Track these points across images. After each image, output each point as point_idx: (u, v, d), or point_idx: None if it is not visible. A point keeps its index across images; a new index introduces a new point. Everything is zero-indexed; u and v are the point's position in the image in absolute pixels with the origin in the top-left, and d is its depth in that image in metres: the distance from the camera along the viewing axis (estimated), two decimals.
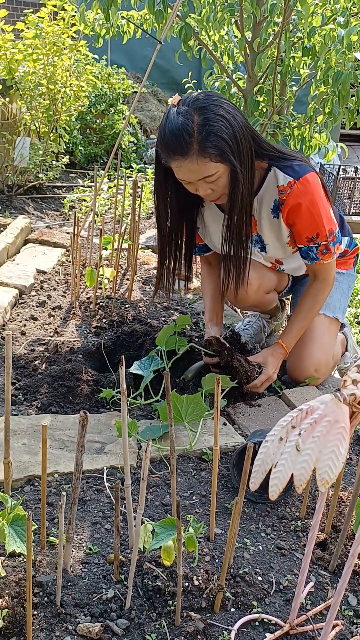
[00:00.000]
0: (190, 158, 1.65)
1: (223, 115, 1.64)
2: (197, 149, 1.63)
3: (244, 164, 1.71)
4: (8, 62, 3.84)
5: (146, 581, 1.23)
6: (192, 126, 1.62)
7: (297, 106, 3.61)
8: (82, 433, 1.11)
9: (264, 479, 0.95)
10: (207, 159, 1.65)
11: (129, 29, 3.14)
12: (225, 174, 1.70)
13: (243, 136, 1.69)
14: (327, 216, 1.86)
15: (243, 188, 1.73)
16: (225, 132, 1.63)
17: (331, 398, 0.88)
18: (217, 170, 1.68)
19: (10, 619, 1.11)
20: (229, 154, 1.65)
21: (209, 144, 1.63)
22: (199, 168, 1.67)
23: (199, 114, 1.63)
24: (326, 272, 1.97)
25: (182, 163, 1.67)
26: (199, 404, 1.76)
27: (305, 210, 1.83)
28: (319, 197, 1.84)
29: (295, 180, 1.81)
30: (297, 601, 1.17)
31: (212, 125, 1.62)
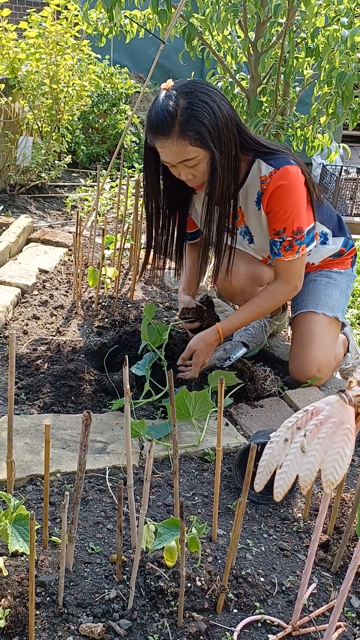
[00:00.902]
0: (171, 139, 1.71)
1: (207, 102, 1.70)
2: (178, 131, 1.69)
3: (224, 153, 1.75)
4: (11, 61, 3.83)
5: (149, 581, 1.23)
6: (175, 109, 1.68)
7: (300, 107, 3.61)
8: (85, 433, 1.11)
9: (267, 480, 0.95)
10: (187, 141, 1.70)
11: (132, 29, 3.14)
12: (205, 160, 1.75)
13: (225, 126, 1.73)
14: (298, 212, 1.87)
15: (222, 176, 1.77)
16: (207, 118, 1.69)
17: (337, 399, 0.87)
18: (196, 154, 1.73)
19: (12, 619, 1.11)
20: (208, 139, 1.70)
21: (189, 127, 1.68)
22: (179, 150, 1.72)
23: (184, 98, 1.69)
24: (287, 271, 1.96)
25: (164, 144, 1.73)
26: (206, 400, 1.77)
27: (278, 199, 1.85)
28: (295, 191, 1.85)
29: (275, 169, 1.84)
30: (299, 602, 1.17)
31: (195, 110, 1.68)
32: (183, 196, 2.04)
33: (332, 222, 2.14)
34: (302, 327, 2.12)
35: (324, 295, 2.14)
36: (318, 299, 2.13)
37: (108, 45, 6.28)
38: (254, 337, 2.32)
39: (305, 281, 2.22)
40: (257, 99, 2.88)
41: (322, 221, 2.11)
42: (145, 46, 6.23)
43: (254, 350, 2.31)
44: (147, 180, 1.93)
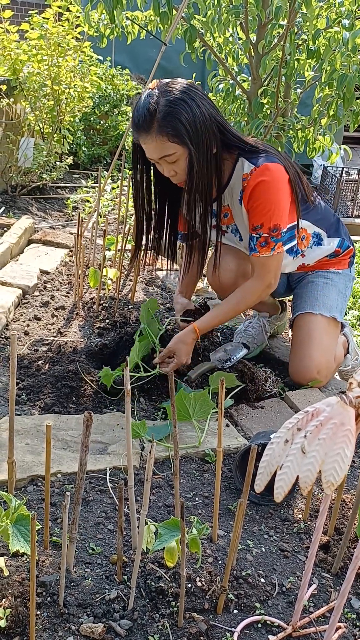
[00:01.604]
0: (151, 136, 1.77)
1: (185, 100, 1.75)
2: (157, 127, 1.75)
3: (202, 150, 1.79)
4: (12, 63, 3.84)
5: (149, 582, 1.23)
6: (155, 107, 1.75)
7: (301, 108, 3.61)
8: (86, 433, 1.11)
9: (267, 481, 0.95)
10: (165, 138, 1.76)
11: (134, 30, 3.15)
12: (184, 157, 1.80)
13: (204, 124, 1.78)
14: (277, 210, 1.88)
15: (200, 173, 1.82)
16: (184, 116, 1.74)
17: (337, 400, 0.88)
18: (175, 150, 1.78)
19: (13, 619, 1.12)
20: (184, 136, 1.75)
21: (166, 124, 1.74)
22: (158, 146, 1.78)
23: (164, 97, 1.76)
24: (262, 268, 1.96)
25: (145, 140, 1.79)
26: (206, 400, 1.77)
27: (257, 195, 1.87)
28: (275, 188, 1.86)
29: (255, 167, 1.87)
30: (300, 603, 1.17)
31: (173, 108, 1.74)
32: (173, 192, 2.06)
33: (326, 222, 2.14)
34: (301, 328, 2.12)
35: (321, 296, 2.14)
36: (315, 299, 2.13)
37: (109, 46, 6.29)
38: (254, 338, 2.32)
39: (302, 283, 2.23)
40: (258, 101, 2.88)
41: (316, 222, 2.10)
42: (146, 48, 6.24)
43: (254, 351, 2.31)
44: (135, 175, 2.00)
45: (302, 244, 2.09)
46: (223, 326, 2.56)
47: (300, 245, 2.09)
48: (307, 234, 2.09)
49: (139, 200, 2.05)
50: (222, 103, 3.23)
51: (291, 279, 2.30)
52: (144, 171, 1.99)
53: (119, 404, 1.92)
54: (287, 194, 1.91)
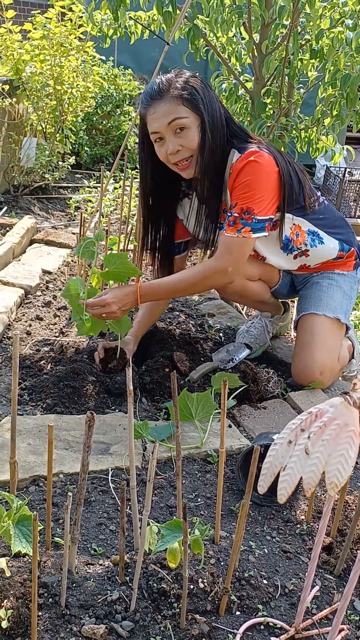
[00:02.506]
0: (164, 100, 1.81)
1: (201, 80, 1.87)
2: (172, 92, 1.81)
3: (213, 122, 1.84)
4: (15, 63, 3.85)
5: (151, 583, 1.23)
6: (173, 80, 1.83)
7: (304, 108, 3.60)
8: (88, 434, 1.11)
9: (271, 482, 0.94)
10: (180, 100, 1.81)
11: (137, 30, 3.14)
12: (195, 126, 1.82)
13: (216, 104, 1.86)
14: (255, 194, 1.85)
15: (211, 146, 1.84)
16: (199, 88, 1.83)
17: (341, 401, 0.87)
18: (187, 115, 1.81)
19: (15, 620, 1.11)
20: (199, 103, 1.81)
21: (183, 87, 1.81)
22: (171, 109, 1.81)
23: (180, 77, 1.85)
24: (223, 247, 1.89)
25: (156, 107, 1.82)
26: (209, 401, 1.76)
27: (240, 176, 1.86)
28: (260, 172, 1.85)
29: (240, 154, 1.88)
30: (303, 605, 1.17)
31: (190, 82, 1.83)
32: (170, 196, 2.09)
33: (328, 222, 2.12)
34: (305, 330, 2.11)
35: (325, 297, 2.12)
36: (319, 300, 2.12)
37: (112, 46, 6.28)
38: (257, 338, 2.31)
39: (307, 284, 2.21)
40: (261, 101, 2.88)
41: (313, 220, 2.07)
42: (149, 48, 6.24)
43: (256, 351, 2.30)
44: (142, 174, 2.02)
45: (297, 241, 2.07)
46: (225, 326, 2.55)
47: (296, 242, 2.08)
48: (301, 231, 2.07)
49: (144, 200, 2.05)
50: (225, 103, 3.22)
51: (296, 281, 2.29)
52: (149, 170, 1.98)
53: (121, 404, 1.91)
54: (272, 184, 1.88)
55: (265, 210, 1.88)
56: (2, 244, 2.92)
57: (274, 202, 1.91)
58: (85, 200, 4.22)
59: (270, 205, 1.90)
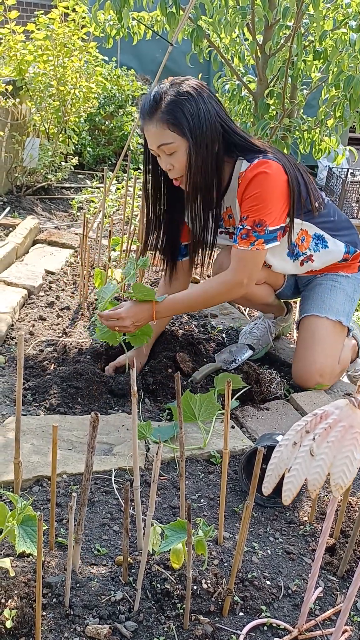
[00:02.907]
0: (153, 122, 1.81)
1: (192, 94, 1.80)
2: (159, 114, 1.80)
3: (201, 144, 1.81)
4: (18, 63, 3.85)
5: (155, 584, 1.23)
6: (162, 96, 1.80)
7: (307, 109, 3.61)
8: (92, 434, 1.11)
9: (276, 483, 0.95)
10: (165, 125, 1.79)
11: (140, 30, 3.15)
12: (182, 149, 1.82)
13: (207, 120, 1.81)
14: (266, 205, 1.85)
15: (198, 168, 1.84)
16: (187, 108, 1.78)
17: (346, 403, 0.87)
18: (173, 140, 1.80)
19: (19, 620, 1.11)
20: (184, 127, 1.78)
21: (169, 111, 1.78)
22: (158, 133, 1.81)
23: (173, 89, 1.81)
24: (237, 261, 1.91)
25: (147, 126, 1.83)
26: (212, 402, 1.77)
27: (250, 187, 1.85)
28: (270, 183, 1.85)
29: (251, 164, 1.87)
30: (306, 606, 1.17)
31: (178, 99, 1.79)
32: (173, 198, 2.07)
33: (333, 225, 2.11)
34: (306, 331, 2.11)
35: (328, 299, 2.12)
36: (322, 302, 2.12)
37: (115, 47, 6.29)
38: (260, 339, 2.31)
39: (311, 285, 2.21)
40: (265, 102, 2.88)
41: (319, 224, 2.07)
42: (152, 48, 6.25)
43: (259, 352, 2.30)
44: (145, 175, 2.03)
45: (302, 246, 2.07)
46: (227, 327, 2.56)
47: (301, 247, 2.07)
48: (307, 236, 2.06)
49: (148, 200, 2.06)
50: (228, 104, 3.23)
51: (300, 282, 2.29)
52: (149, 172, 2.00)
53: (124, 404, 1.91)
54: (282, 193, 1.88)
55: (276, 220, 1.89)
56: (5, 245, 2.92)
57: (284, 210, 1.92)
58: (88, 200, 4.23)
59: (281, 214, 1.91)
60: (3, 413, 1.80)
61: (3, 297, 2.48)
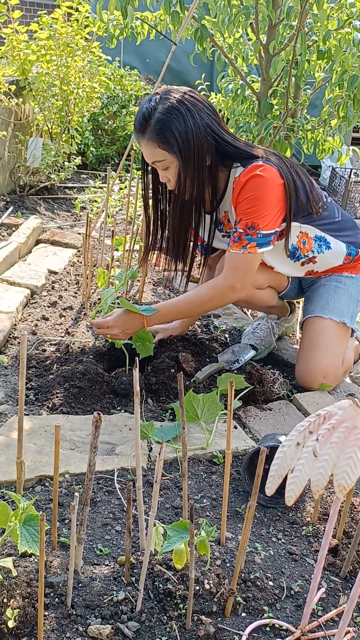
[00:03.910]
0: (144, 140, 1.82)
1: (180, 110, 1.77)
2: (149, 133, 1.80)
3: (190, 161, 1.81)
4: (21, 63, 3.85)
5: (157, 584, 1.23)
6: (151, 112, 1.79)
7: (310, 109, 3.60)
8: (95, 434, 1.11)
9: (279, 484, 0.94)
10: (155, 144, 1.80)
11: (143, 30, 3.15)
12: (174, 165, 1.83)
13: (196, 135, 1.79)
14: (259, 209, 1.84)
15: (189, 183, 1.84)
16: (175, 124, 1.77)
17: (349, 404, 0.87)
18: (164, 158, 1.81)
19: (21, 619, 1.11)
20: (174, 145, 1.78)
21: (157, 130, 1.78)
22: (150, 151, 1.83)
23: (162, 104, 1.79)
24: (229, 265, 1.90)
25: (141, 142, 1.84)
26: (215, 402, 1.76)
27: (244, 191, 1.85)
28: (264, 186, 1.84)
29: (244, 168, 1.87)
30: (309, 607, 1.16)
31: (166, 116, 1.77)
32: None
33: (335, 227, 2.11)
34: (309, 332, 2.10)
35: (332, 300, 2.12)
36: (326, 303, 2.11)
37: (118, 47, 6.29)
38: (262, 340, 2.31)
39: (315, 286, 2.21)
40: (268, 102, 2.88)
41: (320, 226, 2.06)
42: (155, 48, 6.25)
43: (262, 353, 2.30)
44: (143, 177, 2.02)
45: (304, 248, 2.06)
46: (230, 327, 2.55)
47: (303, 250, 2.07)
48: (308, 238, 2.05)
49: (146, 201, 2.06)
50: (231, 104, 3.23)
51: (304, 283, 2.28)
52: (149, 172, 2.00)
53: (126, 404, 1.91)
54: (277, 197, 1.87)
55: (270, 224, 1.87)
56: (8, 244, 2.92)
57: (280, 215, 1.91)
58: (91, 200, 4.23)
59: (276, 219, 1.89)
60: (6, 412, 1.80)
61: (6, 297, 2.48)
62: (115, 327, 1.89)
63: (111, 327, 1.89)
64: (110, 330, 1.90)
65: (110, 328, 1.90)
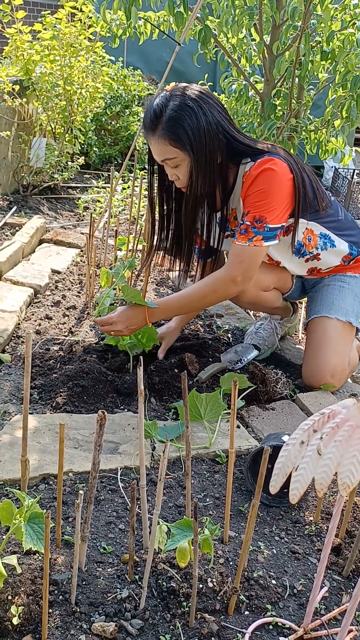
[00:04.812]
0: (155, 137, 1.81)
1: (192, 107, 1.77)
2: (160, 130, 1.79)
3: (202, 158, 1.81)
4: (25, 63, 3.86)
5: (160, 582, 1.23)
6: (162, 109, 1.78)
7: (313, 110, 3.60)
8: (99, 433, 1.12)
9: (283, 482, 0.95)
10: (166, 141, 1.79)
11: (146, 30, 3.15)
12: (185, 163, 1.82)
13: (208, 132, 1.79)
14: (268, 202, 1.85)
15: (201, 180, 1.84)
16: (187, 122, 1.76)
17: (354, 403, 0.87)
18: (175, 155, 1.81)
19: (25, 616, 1.12)
20: (185, 142, 1.77)
21: (169, 127, 1.77)
22: (161, 148, 1.82)
23: (173, 101, 1.78)
24: (233, 256, 1.90)
25: (151, 140, 1.83)
26: (218, 402, 1.77)
27: (254, 184, 1.85)
28: (274, 180, 1.84)
29: (254, 162, 1.87)
30: (312, 605, 1.17)
31: (178, 113, 1.76)
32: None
33: (339, 225, 2.11)
34: (316, 332, 2.11)
35: (337, 300, 2.12)
36: (331, 303, 2.12)
37: (122, 47, 6.30)
38: (265, 340, 2.31)
39: (318, 286, 2.21)
40: (271, 102, 2.88)
41: (325, 223, 2.07)
42: (158, 48, 6.25)
43: (265, 353, 2.30)
44: (149, 176, 2.02)
45: (309, 245, 2.07)
46: (233, 327, 2.56)
47: (308, 247, 2.07)
48: (313, 235, 2.06)
49: (152, 202, 2.07)
50: (234, 104, 3.23)
51: (307, 284, 2.29)
52: (155, 172, 2.00)
53: (129, 403, 1.92)
54: (286, 192, 1.87)
55: (277, 218, 1.88)
56: (11, 244, 2.93)
57: (287, 209, 1.91)
58: (94, 200, 4.24)
59: (283, 213, 1.90)
60: (10, 411, 1.81)
61: (9, 296, 2.49)
62: (119, 322, 1.90)
63: (115, 323, 1.90)
64: (114, 326, 1.90)
65: (114, 324, 1.90)
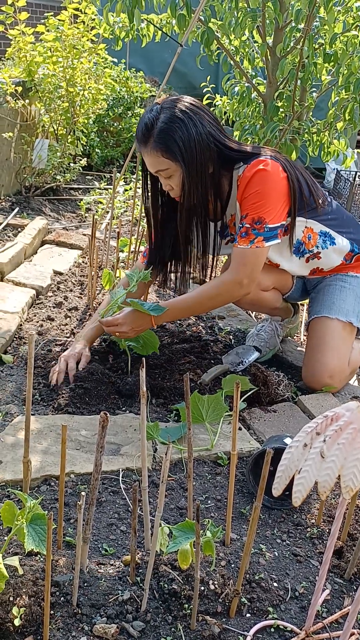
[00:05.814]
0: (147, 150, 1.83)
1: (183, 119, 1.80)
2: (152, 142, 1.81)
3: (194, 169, 1.83)
4: (28, 64, 3.87)
5: (162, 584, 1.23)
6: (153, 122, 1.81)
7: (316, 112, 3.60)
8: (102, 434, 1.12)
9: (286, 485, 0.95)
10: (159, 153, 1.81)
11: (149, 32, 3.16)
12: (178, 174, 1.84)
13: (199, 143, 1.82)
14: (266, 203, 1.86)
15: (193, 191, 1.86)
16: (178, 133, 1.79)
17: (357, 405, 0.87)
18: (168, 167, 1.83)
19: (27, 618, 1.12)
20: (177, 154, 1.80)
21: (160, 139, 1.80)
22: (153, 160, 1.84)
23: (164, 113, 1.81)
24: (237, 260, 1.90)
25: (144, 152, 1.86)
26: (219, 404, 1.77)
27: (250, 186, 1.86)
28: (269, 180, 1.85)
29: (247, 165, 1.88)
30: (313, 608, 1.17)
31: (169, 125, 1.79)
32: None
33: (338, 222, 2.11)
34: (316, 332, 2.11)
35: (338, 300, 2.12)
36: (332, 303, 2.12)
37: (124, 49, 6.31)
38: (267, 342, 2.31)
39: (320, 286, 2.21)
40: (274, 104, 2.88)
41: (324, 221, 2.07)
42: (160, 50, 6.26)
43: (266, 355, 2.30)
44: (143, 184, 2.03)
45: (309, 243, 2.07)
46: (235, 328, 2.56)
47: (308, 245, 2.07)
48: (313, 233, 2.06)
49: (148, 212, 2.07)
50: (237, 106, 3.23)
51: (308, 284, 2.29)
52: (148, 182, 2.01)
53: (131, 405, 1.92)
54: (281, 191, 1.88)
55: (276, 217, 1.89)
56: (14, 245, 2.94)
57: (285, 208, 1.92)
58: (96, 201, 4.24)
59: (281, 212, 1.90)
60: (12, 412, 1.81)
61: (12, 297, 2.49)
62: (125, 324, 1.90)
63: (121, 325, 1.90)
64: (119, 327, 1.91)
65: (120, 325, 1.90)
